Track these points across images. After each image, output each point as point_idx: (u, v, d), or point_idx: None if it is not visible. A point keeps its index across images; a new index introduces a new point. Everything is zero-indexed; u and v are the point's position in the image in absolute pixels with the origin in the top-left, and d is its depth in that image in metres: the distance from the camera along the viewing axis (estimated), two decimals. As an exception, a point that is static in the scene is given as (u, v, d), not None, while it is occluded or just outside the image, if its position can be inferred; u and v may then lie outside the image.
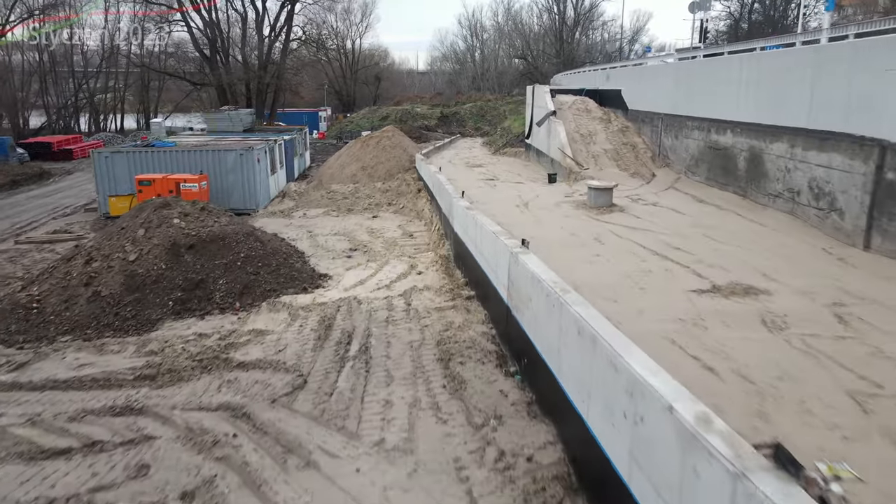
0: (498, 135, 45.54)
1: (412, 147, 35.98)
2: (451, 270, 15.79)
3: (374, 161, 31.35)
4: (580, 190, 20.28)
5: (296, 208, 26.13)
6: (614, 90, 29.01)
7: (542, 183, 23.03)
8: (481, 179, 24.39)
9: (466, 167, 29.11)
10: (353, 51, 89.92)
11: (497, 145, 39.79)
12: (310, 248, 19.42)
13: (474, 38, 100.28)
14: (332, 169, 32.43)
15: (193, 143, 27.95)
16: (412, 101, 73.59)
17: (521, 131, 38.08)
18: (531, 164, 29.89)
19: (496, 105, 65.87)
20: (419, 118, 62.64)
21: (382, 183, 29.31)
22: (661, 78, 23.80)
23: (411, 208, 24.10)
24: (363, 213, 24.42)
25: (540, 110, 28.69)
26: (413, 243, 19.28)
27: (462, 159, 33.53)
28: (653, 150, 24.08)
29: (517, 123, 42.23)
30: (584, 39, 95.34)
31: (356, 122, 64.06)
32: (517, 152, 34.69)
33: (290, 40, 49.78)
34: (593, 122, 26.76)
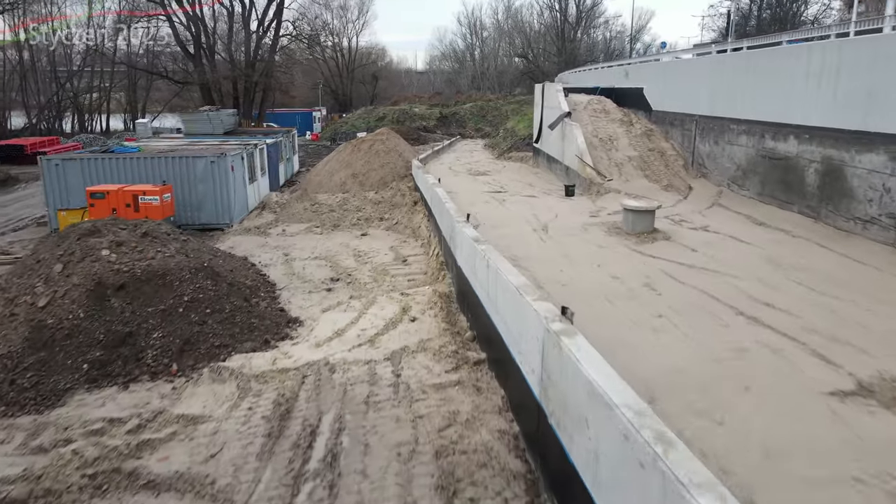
0: (501, 137, 42.03)
1: (409, 151, 32.51)
2: (453, 315, 12.33)
3: (365, 168, 27.89)
4: (607, 207, 16.80)
5: (275, 223, 22.64)
6: (635, 89, 25.58)
7: (558, 196, 19.60)
8: (487, 192, 20.92)
9: (469, 175, 25.66)
10: (350, 49, 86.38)
11: (501, 149, 36.31)
12: (283, 278, 15.95)
13: (474, 36, 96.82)
14: (320, 176, 28.97)
15: (160, 149, 24.47)
16: (410, 100, 70.07)
17: (527, 134, 34.62)
18: (541, 171, 26.42)
19: (497, 105, 62.35)
20: (417, 119, 59.13)
21: (375, 193, 25.86)
22: (696, 74, 20.34)
23: (406, 224, 20.62)
24: (351, 230, 20.94)
25: (551, 111, 25.24)
26: (406, 272, 15.81)
27: (464, 165, 30.06)
28: (684, 157, 20.65)
29: (522, 125, 38.77)
30: (585, 38, 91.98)
31: (351, 123, 60.53)
32: (524, 157, 31.22)
33: (280, 36, 46.26)
34: (613, 125, 23.30)
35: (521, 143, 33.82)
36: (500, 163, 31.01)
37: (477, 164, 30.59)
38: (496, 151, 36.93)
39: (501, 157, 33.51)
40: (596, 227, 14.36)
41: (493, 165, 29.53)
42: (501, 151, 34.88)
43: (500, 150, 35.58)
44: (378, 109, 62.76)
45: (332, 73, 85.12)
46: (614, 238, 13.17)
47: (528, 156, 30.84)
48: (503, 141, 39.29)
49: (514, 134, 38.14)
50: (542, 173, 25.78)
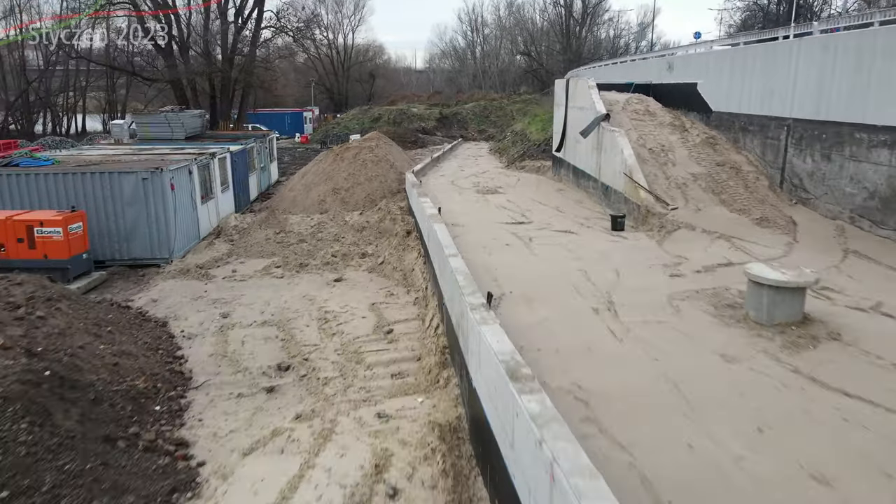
0: (509, 140, 36.31)
1: (403, 160, 26.86)
2: (464, 473, 6.78)
3: (349, 182, 22.28)
4: (687, 256, 11.11)
5: (228, 258, 16.97)
6: (683, 84, 19.93)
7: (602, 230, 13.92)
8: (505, 224, 15.09)
9: (477, 194, 19.90)
10: (345, 46, 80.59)
11: (510, 155, 30.66)
12: (208, 362, 10.42)
13: (475, 33, 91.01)
14: (295, 191, 23.36)
15: (84, 161, 18.76)
16: (408, 100, 64.34)
17: (542, 139, 28.97)
18: (567, 188, 20.71)
19: (502, 105, 56.61)
20: (415, 119, 53.41)
21: (359, 214, 20.24)
22: (789, 63, 14.59)
23: (395, 265, 14.95)
24: (322, 272, 15.26)
25: (581, 113, 19.61)
26: (390, 357, 10.16)
27: (469, 177, 24.34)
28: (768, 175, 15.06)
29: (534, 128, 33.11)
30: (589, 36, 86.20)
31: (344, 124, 54.78)
32: (541, 167, 25.52)
33: (261, 28, 40.54)
34: (662, 131, 17.67)
35: (534, 150, 28.18)
36: (511, 174, 25.32)
37: (485, 175, 24.90)
38: (505, 158, 31.28)
39: (512, 165, 27.87)
40: (691, 302, 8.67)
41: (505, 178, 23.83)
42: (511, 159, 29.23)
43: (510, 156, 29.93)
44: (373, 109, 57.04)
45: (326, 72, 79.34)
46: (739, 335, 7.46)
47: (545, 165, 25.17)
48: (512, 146, 33.61)
49: (524, 138, 32.47)
50: (568, 191, 20.07)
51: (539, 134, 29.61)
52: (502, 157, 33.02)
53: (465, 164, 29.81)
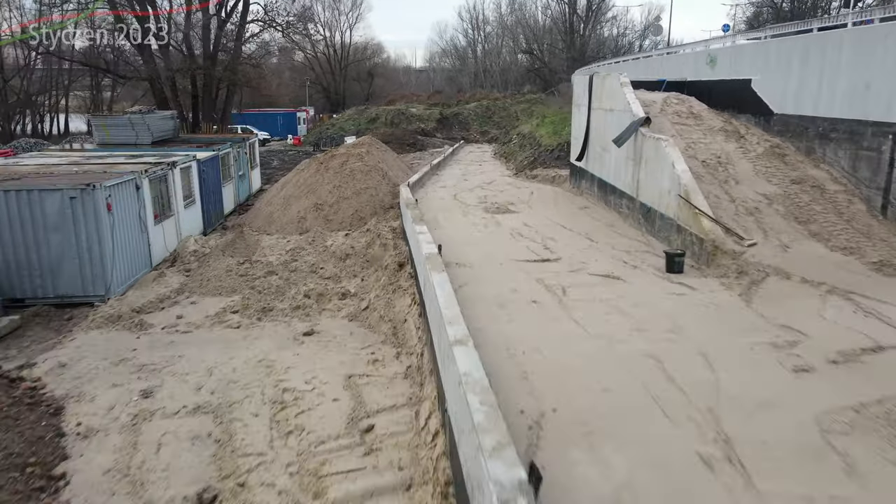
0: (516, 144, 32.72)
1: (398, 168, 23.29)
2: None
3: (334, 196, 18.73)
4: (799, 325, 7.40)
5: (177, 296, 13.40)
6: (733, 81, 16.38)
7: (652, 270, 10.24)
8: (526, 262, 11.34)
9: (486, 214, 16.15)
10: (343, 44, 76.91)
11: (518, 161, 27.09)
12: (96, 490, 6.92)
13: (476, 31, 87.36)
14: (273, 206, 19.82)
15: (2, 174, 15.18)
16: (407, 100, 60.73)
17: (555, 145, 25.40)
18: (591, 205, 17.09)
19: (505, 105, 52.98)
20: (414, 120, 49.79)
21: (344, 236, 16.71)
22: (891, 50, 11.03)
23: (383, 313, 11.37)
24: (290, 321, 11.69)
25: (609, 116, 16.05)
26: (364, 490, 6.68)
27: (474, 189, 20.68)
28: (862, 195, 11.54)
29: (544, 130, 29.52)
30: (592, 34, 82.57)
31: (340, 125, 51.19)
32: (555, 177, 21.91)
33: (248, 22, 36.93)
34: (714, 139, 14.13)
35: (547, 157, 24.61)
36: (523, 184, 21.70)
37: (492, 186, 21.29)
38: (513, 165, 27.73)
39: (522, 174, 24.29)
40: (862, 439, 5.09)
41: (516, 190, 20.22)
42: (521, 166, 25.65)
43: (519, 163, 26.36)
44: (370, 110, 53.43)
45: (323, 71, 75.70)
46: None
47: (560, 175, 21.58)
48: (519, 150, 30.04)
49: (533, 142, 28.89)
50: (594, 209, 16.47)
51: (551, 138, 26.02)
52: (509, 162, 29.44)
53: (469, 172, 26.22)
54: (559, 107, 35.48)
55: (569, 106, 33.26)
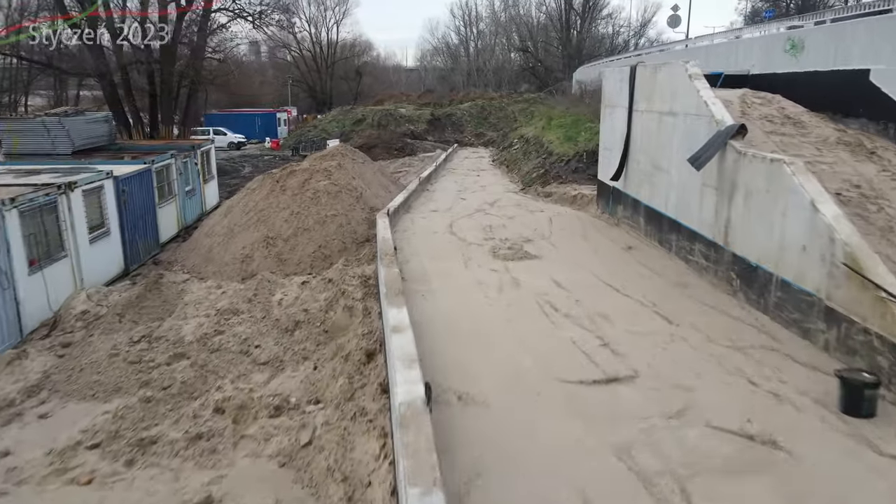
0: (518, 150, 27.80)
1: (377, 183, 18.23)
2: None
3: (290, 227, 13.77)
4: None
5: (26, 399, 8.36)
6: (832, 73, 11.59)
7: (818, 416, 5.51)
8: (580, 388, 6.22)
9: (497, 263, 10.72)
10: (329, 41, 71.63)
11: (525, 172, 22.13)
12: None
13: (468, 28, 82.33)
14: (214, 237, 14.83)
15: None
16: (396, 99, 55.63)
17: (569, 153, 20.45)
18: (637, 243, 11.96)
19: (502, 105, 48.01)
20: (403, 121, 44.74)
21: (300, 286, 11.75)
22: None
23: (334, 461, 6.55)
24: (181, 466, 6.79)
25: (667, 121, 11.10)
26: None
27: (474, 215, 15.52)
28: None
29: (553, 135, 24.57)
30: (588, 32, 77.78)
31: (322, 127, 46.07)
32: (577, 197, 16.77)
33: (211, 11, 31.74)
34: (839, 156, 9.35)
35: (561, 169, 19.63)
36: (535, 206, 16.66)
37: (498, 209, 16.24)
38: (517, 176, 22.81)
39: (531, 189, 19.36)
40: None
41: (529, 216, 15.16)
42: (529, 179, 20.68)
43: (526, 175, 21.38)
44: (356, 110, 48.31)
45: (308, 69, 70.41)
46: None
47: (584, 195, 16.57)
48: (524, 158, 25.11)
49: (540, 148, 23.96)
50: (646, 251, 11.42)
51: (565, 146, 21.10)
52: (512, 172, 24.51)
53: (467, 186, 21.25)
54: (565, 107, 30.61)
55: (579, 107, 28.42)
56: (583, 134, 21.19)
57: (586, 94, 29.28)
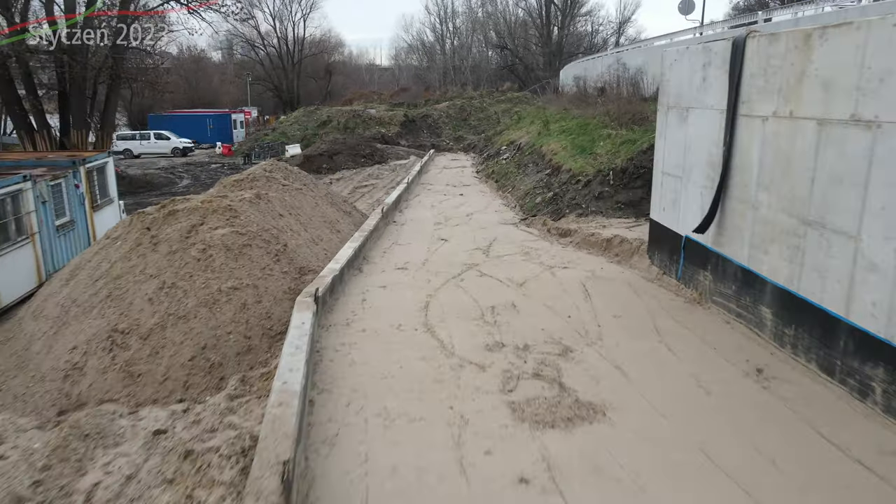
0: (509, 160, 22.08)
1: (319, 220, 12.03)
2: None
3: (159, 312, 7.91)
4: None
5: None
6: None
7: None
8: None
9: (518, 425, 5.05)
10: (296, 37, 65.02)
11: (524, 195, 16.35)
12: None
13: (444, 25, 76.36)
14: (41, 321, 8.99)
15: None
16: (367, 98, 49.54)
17: (589, 172, 14.66)
18: (781, 365, 6.30)
19: (483, 104, 42.26)
20: (373, 124, 38.71)
21: (147, 439, 6.09)
22: None
23: None
24: None
25: (835, 133, 5.61)
26: None
27: (460, 277, 9.51)
28: None
29: (558, 143, 18.81)
30: (570, 28, 72.50)
31: (282, 130, 39.81)
32: (612, 242, 10.90)
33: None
34: None
35: (580, 194, 13.86)
36: (553, 255, 10.68)
37: (497, 261, 10.18)
38: (511, 197, 17.09)
39: (539, 223, 13.66)
40: None
41: (551, 280, 9.27)
42: (532, 206, 14.93)
43: (528, 201, 15.60)
44: (321, 111, 42.08)
45: (274, 66, 63.84)
46: None
47: (621, 238, 10.81)
48: (518, 171, 19.39)
49: (542, 161, 18.26)
50: (803, 390, 5.78)
51: (579, 161, 15.31)
52: (504, 190, 18.77)
53: (447, 214, 15.39)
54: (562, 108, 24.95)
55: (583, 108, 22.78)
56: (601, 144, 15.49)
57: (589, 92, 23.64)
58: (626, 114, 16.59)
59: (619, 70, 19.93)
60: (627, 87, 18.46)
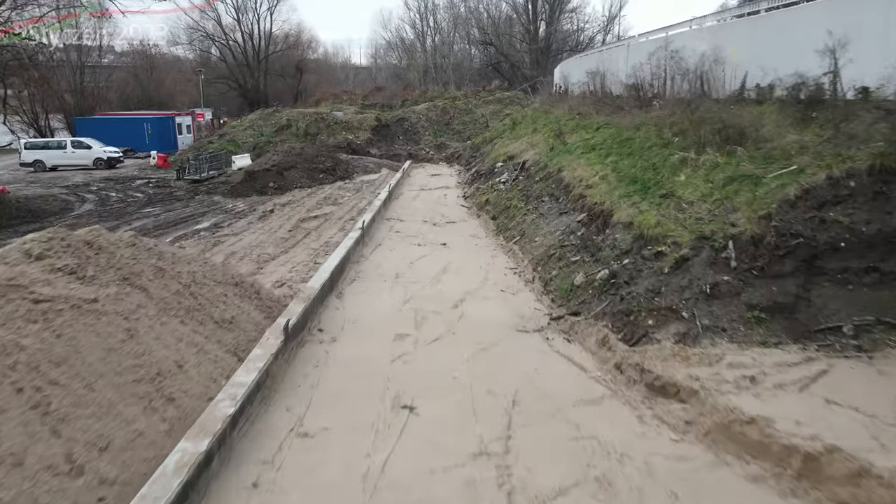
0: (508, 185, 15.44)
1: (115, 381, 5.61)
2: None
3: None
4: None
5: None
6: None
7: None
8: None
9: None
10: (261, 31, 57.48)
11: (557, 273, 9.83)
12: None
13: (424, 21, 69.34)
14: None
15: None
16: (337, 99, 42.44)
17: (674, 237, 8.03)
18: None
19: (468, 106, 35.46)
20: (340, 129, 31.71)
21: None
22: None
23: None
24: None
25: None
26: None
27: None
28: None
29: (585, 164, 12.18)
30: (557, 25, 65.90)
31: (233, 136, 32.59)
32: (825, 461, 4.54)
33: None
34: None
35: (681, 293, 7.31)
36: (644, 437, 4.36)
37: None
38: (523, 256, 10.53)
39: (589, 331, 7.18)
40: None
41: None
42: (566, 287, 8.38)
43: (554, 272, 9.06)
44: (282, 113, 34.92)
45: (238, 63, 56.34)
46: None
47: (843, 454, 4.50)
48: (527, 209, 12.74)
49: (564, 192, 11.62)
50: None
51: (658, 214, 8.56)
52: (508, 239, 12.07)
53: (420, 293, 8.65)
54: (574, 112, 18.37)
55: (603, 114, 16.08)
56: (680, 178, 8.81)
57: (616, 92, 17.03)
58: (703, 124, 9.96)
59: (667, 60, 13.33)
60: (693, 83, 11.84)
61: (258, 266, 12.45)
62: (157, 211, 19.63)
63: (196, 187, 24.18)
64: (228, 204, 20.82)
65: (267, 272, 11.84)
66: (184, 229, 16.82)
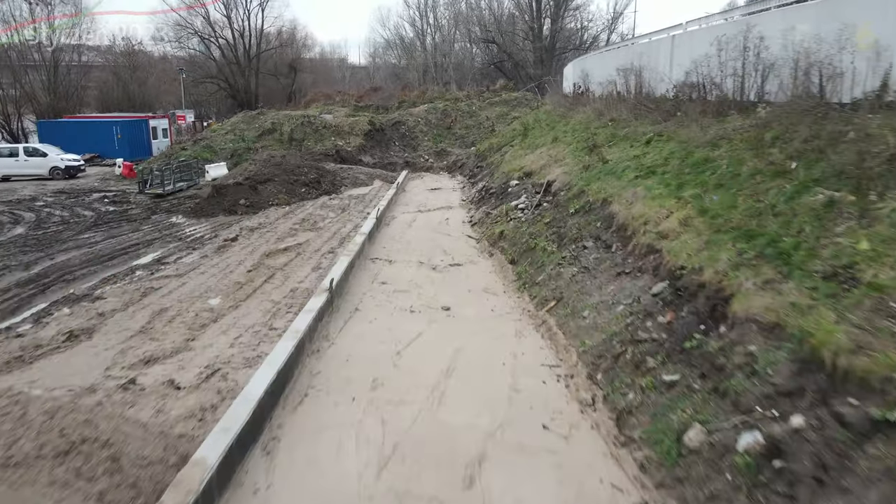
0: (535, 220, 11.62)
1: None
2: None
3: None
4: None
5: None
6: None
7: None
8: None
9: None
10: (252, 28, 53.59)
11: (626, 390, 6.28)
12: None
13: (423, 19, 65.49)
14: None
15: None
16: (329, 100, 38.61)
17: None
18: None
19: (471, 108, 31.67)
20: (329, 134, 27.95)
21: None
22: None
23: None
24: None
25: None
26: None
27: None
28: None
29: (653, 198, 8.52)
30: (563, 23, 62.00)
31: (210, 142, 28.77)
32: None
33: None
34: None
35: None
36: None
37: None
38: (570, 345, 6.94)
39: None
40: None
41: None
42: (662, 431, 4.82)
43: (621, 384, 5.50)
44: (266, 116, 31.12)
45: (227, 61, 52.51)
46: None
47: None
48: (562, 255, 9.12)
49: (632, 251, 8.02)
50: None
51: (826, 314, 5.03)
52: (537, 301, 8.38)
53: (409, 456, 5.06)
54: (609, 118, 14.67)
55: (648, 123, 11.99)
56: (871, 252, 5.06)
57: (668, 95, 13.29)
58: (840, 144, 6.23)
59: (752, 50, 9.58)
60: (802, 81, 8.08)
61: (189, 335, 8.70)
62: (98, 238, 15.85)
63: (157, 204, 20.43)
64: (188, 227, 17.04)
65: (197, 348, 8.13)
66: (118, 266, 13.04)
